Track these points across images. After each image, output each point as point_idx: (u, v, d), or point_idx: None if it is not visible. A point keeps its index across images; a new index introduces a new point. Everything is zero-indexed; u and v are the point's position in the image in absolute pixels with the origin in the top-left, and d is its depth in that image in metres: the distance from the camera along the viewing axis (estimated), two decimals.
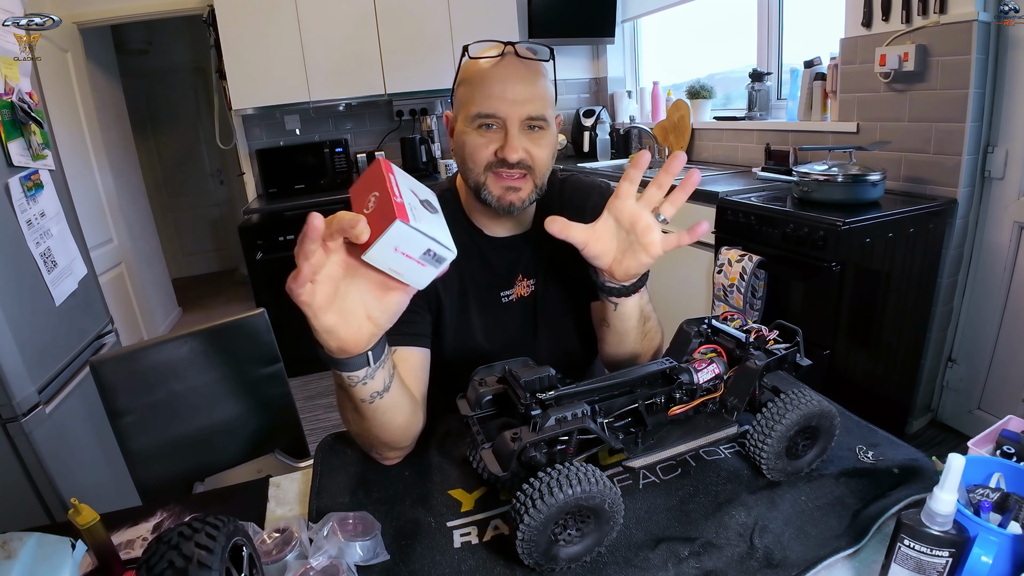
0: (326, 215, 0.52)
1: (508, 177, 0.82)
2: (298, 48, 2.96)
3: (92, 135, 2.99)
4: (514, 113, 0.80)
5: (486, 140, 0.82)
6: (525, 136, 0.82)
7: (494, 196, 0.84)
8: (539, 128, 0.83)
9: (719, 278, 1.99)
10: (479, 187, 0.84)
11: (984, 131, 1.76)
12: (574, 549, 0.59)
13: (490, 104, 0.80)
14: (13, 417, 1.31)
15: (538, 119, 0.81)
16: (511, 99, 0.79)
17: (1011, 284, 1.80)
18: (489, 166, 0.82)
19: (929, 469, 0.69)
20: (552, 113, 0.85)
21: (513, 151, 0.80)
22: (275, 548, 0.61)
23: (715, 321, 0.79)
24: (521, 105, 0.80)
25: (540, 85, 0.82)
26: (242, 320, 1.20)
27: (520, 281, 0.95)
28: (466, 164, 0.85)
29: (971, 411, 1.98)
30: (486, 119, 0.81)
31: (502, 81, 0.80)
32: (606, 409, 0.68)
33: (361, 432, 0.73)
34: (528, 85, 0.80)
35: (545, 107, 0.82)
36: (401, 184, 0.57)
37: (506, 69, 0.81)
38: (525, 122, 0.81)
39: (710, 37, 3.13)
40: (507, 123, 0.80)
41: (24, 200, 1.42)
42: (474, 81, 0.82)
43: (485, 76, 0.81)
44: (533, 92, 0.81)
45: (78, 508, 0.62)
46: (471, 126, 0.82)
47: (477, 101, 0.81)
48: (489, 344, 0.94)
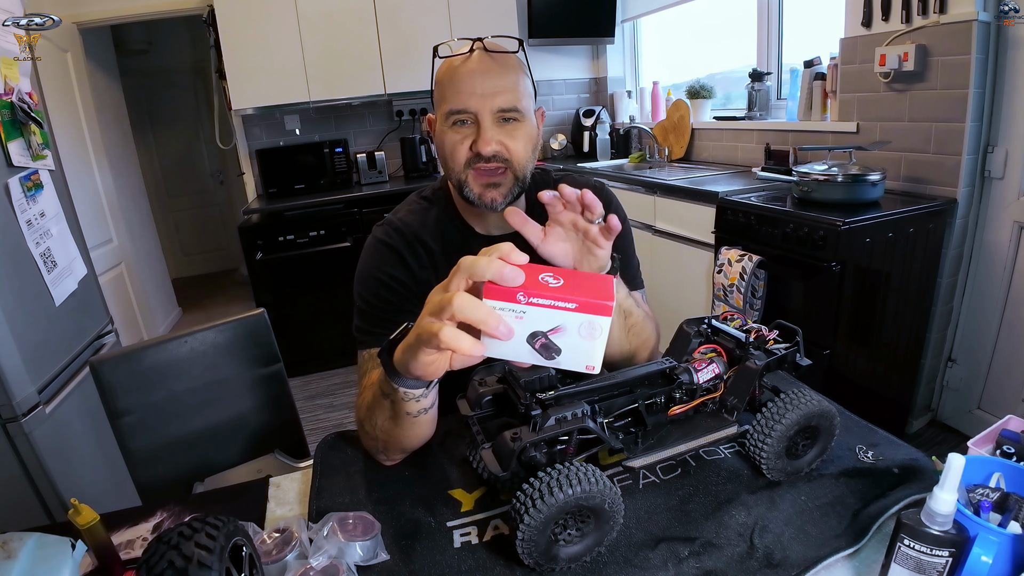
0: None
1: (487, 172, 0.83)
2: (298, 48, 2.96)
3: (92, 135, 2.99)
4: (484, 106, 0.80)
5: (461, 136, 0.83)
6: (499, 129, 0.82)
7: (475, 193, 0.85)
8: (514, 120, 0.83)
9: (719, 278, 1.99)
10: (461, 185, 0.85)
11: (984, 131, 1.76)
12: (574, 549, 0.59)
13: (460, 99, 0.81)
14: (13, 417, 1.31)
15: (510, 110, 0.82)
16: (480, 93, 0.80)
17: (1011, 284, 1.80)
18: (468, 163, 0.83)
19: (929, 469, 0.69)
20: (528, 104, 0.84)
21: (486, 143, 0.81)
22: (275, 548, 0.61)
23: (715, 321, 0.78)
24: (491, 98, 0.80)
25: (511, 78, 0.82)
26: (242, 320, 1.20)
27: None
28: (447, 164, 0.86)
29: (971, 411, 1.98)
30: (459, 115, 0.82)
31: (471, 76, 0.81)
32: (606, 409, 0.68)
33: (388, 439, 0.74)
34: (497, 78, 0.81)
35: (518, 98, 0.82)
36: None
37: (475, 64, 0.81)
38: (498, 114, 0.81)
39: (710, 37, 3.13)
40: (479, 116, 0.81)
41: (24, 200, 1.42)
42: (445, 79, 0.83)
43: (455, 73, 0.82)
44: (503, 84, 0.81)
45: (78, 508, 0.62)
46: (447, 124, 0.83)
47: (449, 98, 0.82)
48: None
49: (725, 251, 1.98)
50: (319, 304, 2.94)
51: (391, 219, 0.95)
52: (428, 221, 0.94)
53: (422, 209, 0.95)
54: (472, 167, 0.83)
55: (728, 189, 2.12)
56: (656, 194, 2.48)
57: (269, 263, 2.86)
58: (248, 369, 1.20)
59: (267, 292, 2.87)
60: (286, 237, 2.85)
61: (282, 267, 2.88)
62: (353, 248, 2.93)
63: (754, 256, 1.87)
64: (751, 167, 2.55)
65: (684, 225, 2.34)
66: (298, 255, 2.87)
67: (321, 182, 3.26)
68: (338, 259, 2.92)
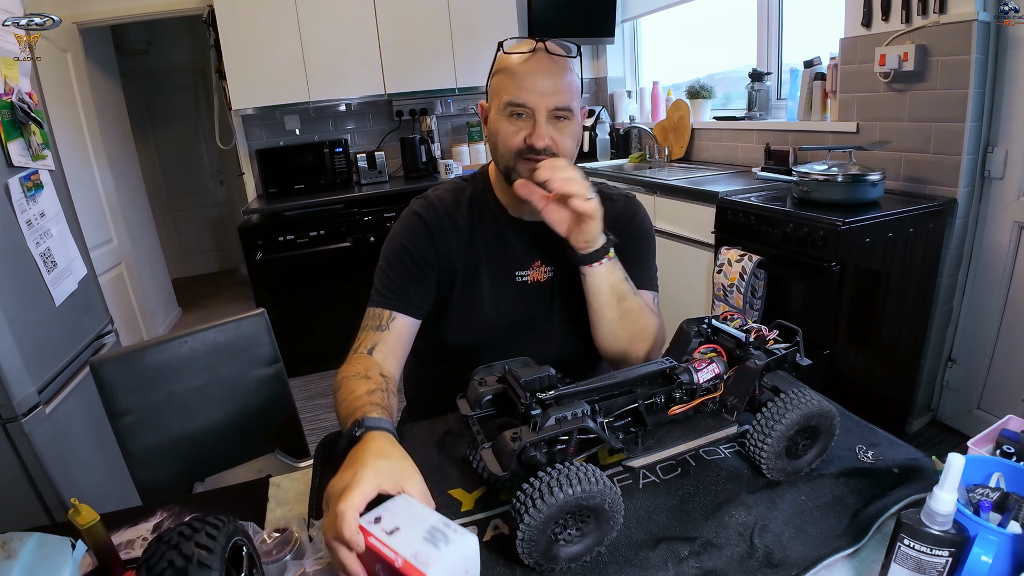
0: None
1: (536, 163, 0.89)
2: (298, 48, 2.96)
3: (92, 135, 2.99)
4: (542, 104, 0.88)
5: (516, 128, 0.90)
6: (552, 125, 0.90)
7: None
8: (565, 118, 0.90)
9: (719, 278, 1.99)
10: (509, 171, 0.92)
11: (984, 131, 1.76)
12: (574, 549, 0.59)
13: (521, 95, 0.88)
14: (13, 417, 1.31)
15: (564, 110, 0.89)
16: (540, 91, 0.87)
17: (1011, 284, 1.80)
18: (519, 153, 0.90)
19: (929, 469, 0.69)
20: (577, 105, 0.92)
21: (540, 138, 0.88)
22: (275, 548, 0.61)
23: (715, 321, 0.79)
24: (549, 97, 0.88)
25: (566, 79, 0.90)
26: (242, 320, 1.20)
27: (538, 266, 1.01)
28: (498, 149, 0.93)
29: (971, 411, 1.98)
30: (517, 108, 0.89)
31: (532, 75, 0.88)
32: (606, 409, 0.68)
33: None
34: (555, 79, 0.88)
35: (571, 99, 0.90)
36: (393, 539, 0.52)
37: (537, 64, 0.89)
38: (552, 112, 0.89)
39: (710, 37, 3.13)
40: (536, 113, 0.88)
41: (24, 200, 1.42)
42: (507, 73, 0.90)
43: (517, 69, 0.89)
44: (560, 85, 0.88)
45: (78, 508, 0.62)
46: (503, 113, 0.91)
47: (509, 91, 0.89)
48: (496, 314, 1.00)
49: (725, 251, 1.98)
50: (319, 304, 2.94)
51: (428, 194, 1.03)
52: (462, 200, 1.01)
53: (458, 188, 1.03)
54: (523, 157, 0.90)
55: (728, 189, 2.12)
56: (656, 194, 2.48)
57: (269, 263, 2.86)
58: (248, 369, 1.20)
59: (267, 292, 2.87)
60: (286, 237, 2.85)
61: (282, 267, 2.88)
62: (353, 248, 2.93)
63: (754, 256, 1.87)
64: (751, 167, 2.55)
65: (684, 225, 2.34)
66: (298, 255, 2.87)
67: (321, 182, 3.26)
68: (338, 259, 2.92)
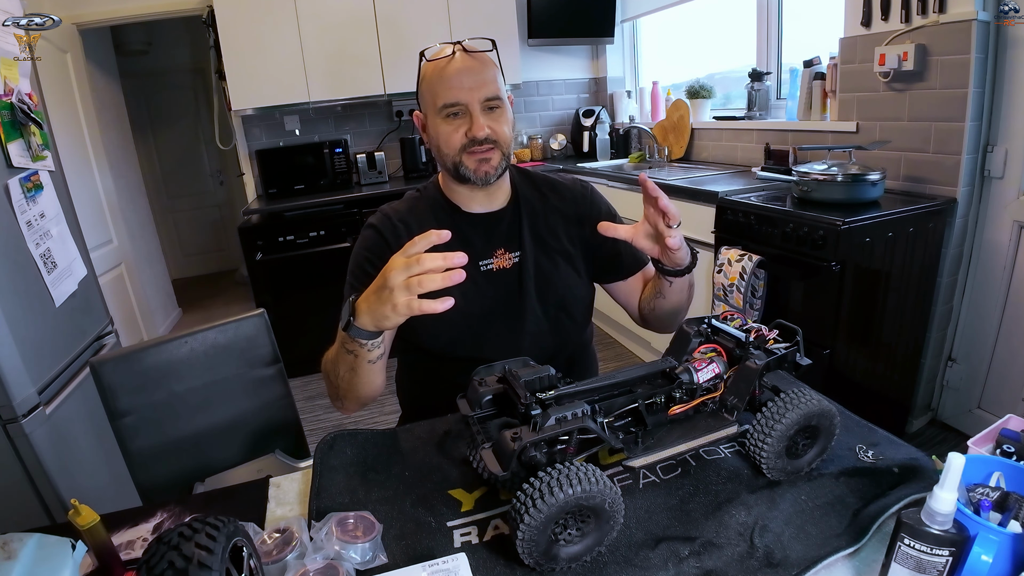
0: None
1: (480, 152, 0.96)
2: (298, 48, 2.96)
3: (92, 136, 2.99)
4: (473, 98, 0.94)
5: (455, 126, 0.96)
6: (487, 116, 0.95)
7: (471, 170, 0.97)
8: (496, 107, 0.96)
9: (719, 278, 1.99)
10: (457, 167, 0.98)
11: (984, 130, 1.76)
12: (574, 549, 0.59)
13: (452, 94, 0.94)
14: (13, 418, 1.31)
15: (494, 99, 0.96)
16: (468, 87, 0.93)
17: (1011, 283, 1.80)
18: (463, 147, 0.96)
19: (929, 468, 0.69)
20: (504, 92, 0.99)
21: (480, 129, 0.94)
22: (275, 548, 0.61)
23: (715, 320, 0.79)
24: (478, 90, 0.94)
25: (490, 72, 0.96)
26: (242, 320, 1.20)
27: (501, 254, 1.05)
28: (441, 151, 0.98)
29: (971, 410, 1.98)
30: (451, 108, 0.95)
31: (459, 74, 0.94)
32: (606, 409, 0.68)
33: (349, 387, 0.88)
34: (479, 74, 0.94)
35: (498, 89, 0.96)
36: None
37: (460, 63, 0.95)
38: (484, 104, 0.95)
39: (710, 37, 3.13)
40: (470, 107, 0.94)
41: (24, 201, 1.42)
42: (435, 78, 0.96)
43: (443, 73, 0.95)
44: (486, 78, 0.95)
45: (78, 509, 0.62)
46: (440, 116, 0.96)
47: (441, 95, 0.94)
48: (466, 304, 1.02)
49: (725, 251, 1.98)
50: (319, 304, 2.93)
51: (383, 208, 1.09)
52: (415, 207, 1.07)
53: (410, 198, 1.09)
54: (467, 151, 0.96)
55: (728, 189, 2.12)
56: None
57: (269, 264, 2.86)
58: (248, 369, 1.20)
59: (267, 293, 2.87)
60: (286, 238, 2.85)
61: (282, 268, 2.87)
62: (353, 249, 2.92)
63: (754, 256, 1.87)
64: (751, 167, 2.54)
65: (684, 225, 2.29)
66: (298, 255, 2.87)
67: (321, 182, 3.26)
68: (338, 259, 2.92)
